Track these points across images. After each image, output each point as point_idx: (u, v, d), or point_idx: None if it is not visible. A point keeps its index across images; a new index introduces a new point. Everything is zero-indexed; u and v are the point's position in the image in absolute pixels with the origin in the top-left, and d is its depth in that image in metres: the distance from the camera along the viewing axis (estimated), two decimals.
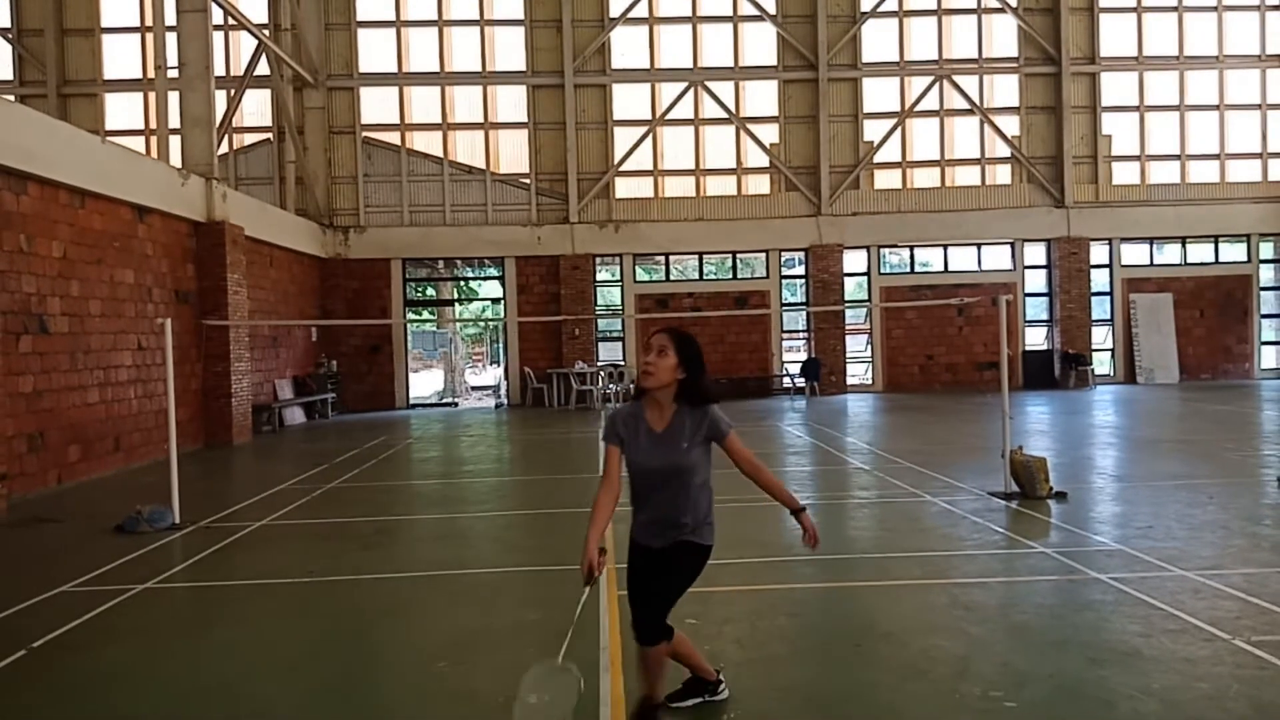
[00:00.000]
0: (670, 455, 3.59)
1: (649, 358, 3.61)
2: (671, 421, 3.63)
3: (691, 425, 3.62)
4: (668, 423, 3.64)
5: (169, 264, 14.06)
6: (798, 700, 4.22)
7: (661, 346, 3.61)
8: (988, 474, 9.47)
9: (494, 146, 22.49)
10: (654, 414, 3.65)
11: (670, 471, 3.59)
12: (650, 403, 3.67)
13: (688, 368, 3.62)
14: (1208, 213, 22.84)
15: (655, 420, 3.64)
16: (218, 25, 18.44)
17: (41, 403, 10.81)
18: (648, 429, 3.63)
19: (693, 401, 3.63)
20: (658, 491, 3.62)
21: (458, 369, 27.52)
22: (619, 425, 3.66)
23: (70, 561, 7.16)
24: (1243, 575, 5.87)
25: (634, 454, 3.63)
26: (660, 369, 3.59)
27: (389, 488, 10.81)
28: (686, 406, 3.63)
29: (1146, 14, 22.90)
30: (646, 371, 3.61)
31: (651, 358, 3.60)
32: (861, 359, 23.42)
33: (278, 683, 4.66)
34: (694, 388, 3.63)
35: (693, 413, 3.63)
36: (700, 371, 3.64)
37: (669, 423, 3.64)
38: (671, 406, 3.64)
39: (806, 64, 22.33)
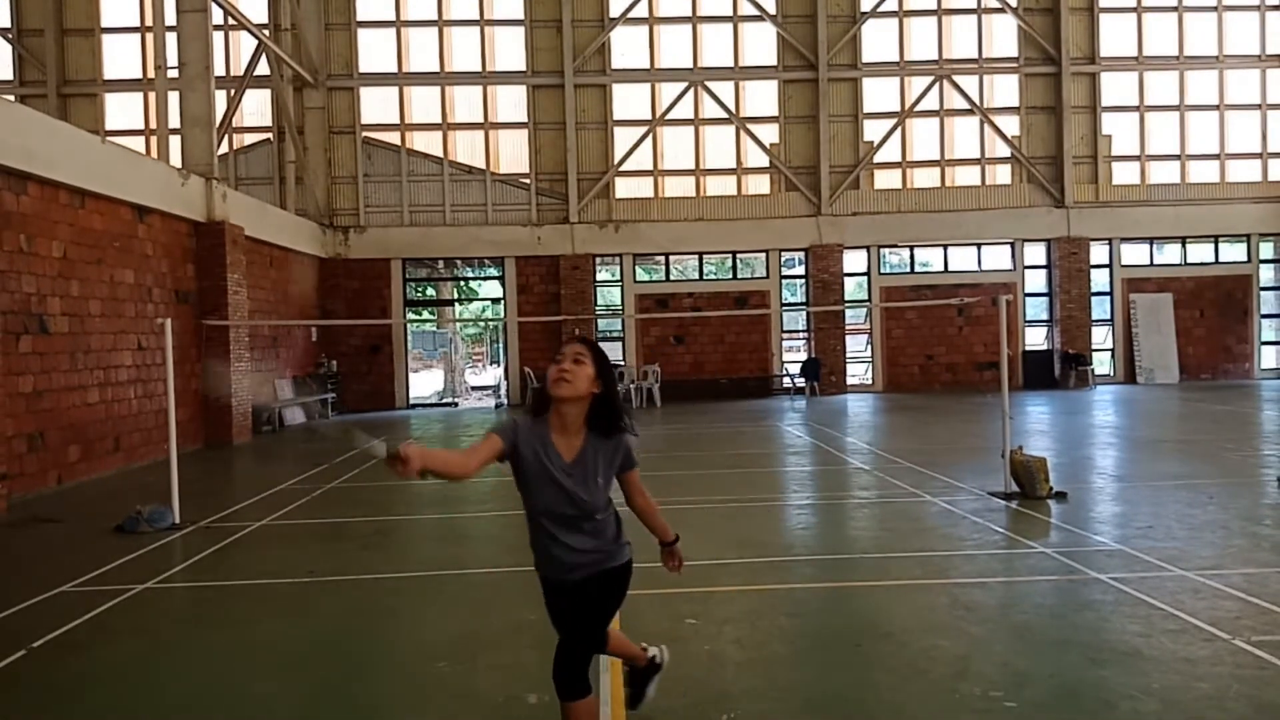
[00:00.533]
0: (583, 493, 3.15)
1: (564, 364, 3.12)
2: (582, 452, 3.17)
3: (605, 459, 3.20)
4: (577, 453, 3.17)
5: (169, 264, 14.06)
6: (798, 700, 4.22)
7: (578, 354, 3.14)
8: (988, 474, 9.47)
9: (494, 146, 22.49)
10: (560, 440, 3.16)
11: (583, 508, 3.17)
12: (556, 424, 3.16)
13: (605, 382, 3.17)
14: (1208, 213, 22.84)
15: (563, 447, 3.16)
16: (218, 25, 18.43)
17: (41, 403, 10.81)
18: (556, 454, 3.15)
19: (606, 430, 3.19)
20: (563, 525, 3.20)
21: (458, 369, 27.52)
22: (520, 435, 3.14)
23: (70, 561, 7.16)
24: (1243, 575, 5.87)
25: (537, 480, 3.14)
26: (578, 377, 3.11)
27: (389, 488, 10.80)
28: (596, 436, 3.18)
29: (1146, 14, 22.90)
30: (563, 378, 3.10)
31: (567, 364, 3.12)
32: (861, 359, 23.43)
33: (278, 683, 4.66)
34: (610, 409, 3.19)
35: (604, 444, 3.19)
36: (615, 390, 3.23)
37: (579, 453, 3.17)
38: (580, 433, 3.17)
39: (806, 64, 22.33)
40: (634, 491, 3.43)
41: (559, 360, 3.15)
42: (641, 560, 6.26)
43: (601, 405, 3.18)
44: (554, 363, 3.16)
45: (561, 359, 3.15)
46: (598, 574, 3.30)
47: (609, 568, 3.32)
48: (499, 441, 3.11)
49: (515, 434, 3.13)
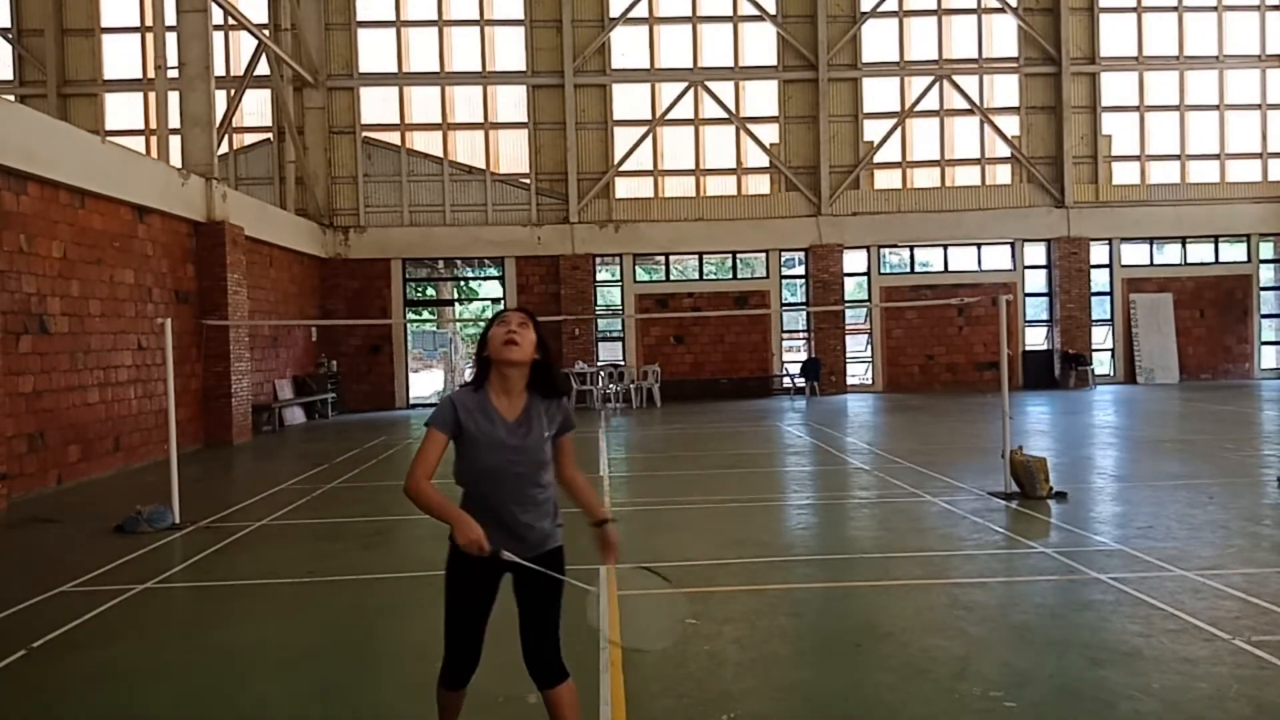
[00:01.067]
0: (530, 449, 3.18)
1: (512, 327, 3.17)
2: (525, 410, 3.22)
3: (547, 416, 3.24)
4: (520, 411, 3.21)
5: (169, 264, 14.05)
6: (798, 700, 4.22)
7: (521, 321, 3.20)
8: (988, 474, 9.47)
9: (494, 146, 22.49)
10: (503, 403, 3.20)
11: (532, 466, 3.18)
12: (497, 390, 3.20)
13: (544, 347, 3.25)
14: (1208, 213, 22.84)
15: (505, 409, 3.20)
16: (218, 25, 18.42)
17: (41, 403, 10.81)
18: (500, 418, 3.18)
19: (546, 391, 3.25)
20: (510, 491, 3.18)
21: (458, 369, 27.50)
22: (460, 412, 3.15)
23: (70, 561, 7.16)
24: (1243, 575, 5.87)
25: (483, 447, 3.14)
26: (525, 341, 3.17)
27: (389, 488, 10.79)
28: (538, 396, 3.24)
29: (1146, 14, 22.89)
30: (513, 340, 3.15)
31: (514, 327, 3.17)
32: (861, 359, 23.42)
33: (278, 683, 4.66)
34: (549, 373, 3.27)
35: (545, 403, 3.25)
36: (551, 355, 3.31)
37: (522, 411, 3.22)
38: (523, 395, 3.23)
39: (806, 64, 22.32)
40: (566, 459, 3.39)
41: (503, 324, 3.19)
42: (643, 560, 6.24)
43: (543, 369, 3.25)
44: (498, 326, 3.20)
45: (505, 323, 3.19)
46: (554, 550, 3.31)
47: (559, 545, 3.34)
48: (442, 436, 3.13)
49: (456, 415, 3.15)
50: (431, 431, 3.14)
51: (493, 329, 3.20)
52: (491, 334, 3.19)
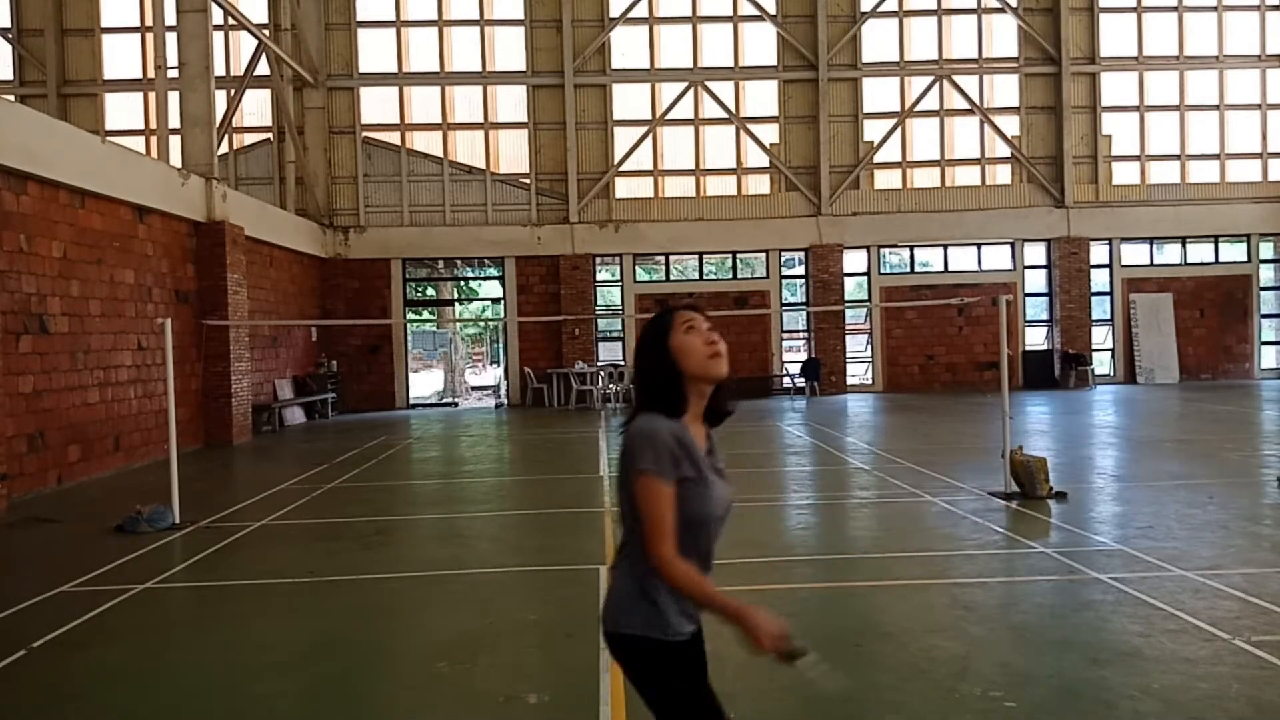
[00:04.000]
0: (729, 487, 2.48)
1: (712, 336, 2.44)
2: (709, 441, 2.51)
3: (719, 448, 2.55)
4: (708, 443, 2.49)
5: (169, 264, 14.05)
6: (798, 700, 4.22)
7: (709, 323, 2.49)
8: (988, 474, 9.47)
9: (494, 146, 22.48)
10: (696, 432, 2.45)
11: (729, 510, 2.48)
12: (692, 414, 2.45)
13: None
14: (1208, 213, 22.83)
15: (700, 440, 2.46)
16: (218, 25, 18.42)
17: (41, 403, 10.81)
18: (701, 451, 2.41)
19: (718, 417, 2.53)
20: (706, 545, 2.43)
21: (458, 369, 27.51)
22: (677, 453, 2.33)
23: (70, 561, 7.16)
24: (1243, 575, 5.87)
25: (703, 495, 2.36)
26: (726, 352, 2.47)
27: (389, 488, 10.81)
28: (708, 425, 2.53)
29: (1146, 14, 22.88)
30: (719, 353, 2.43)
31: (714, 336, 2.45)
32: (861, 359, 23.42)
33: (278, 682, 4.66)
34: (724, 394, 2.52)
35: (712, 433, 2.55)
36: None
37: (709, 443, 2.50)
38: (701, 423, 2.50)
39: (806, 64, 22.32)
40: None
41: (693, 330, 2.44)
42: None
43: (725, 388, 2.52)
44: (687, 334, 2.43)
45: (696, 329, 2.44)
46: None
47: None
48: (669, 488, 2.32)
49: (676, 459, 2.33)
50: (656, 483, 2.30)
51: (680, 338, 2.42)
52: (684, 344, 2.41)
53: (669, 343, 2.43)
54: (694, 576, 2.30)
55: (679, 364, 2.41)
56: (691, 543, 2.37)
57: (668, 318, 2.48)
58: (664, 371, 2.42)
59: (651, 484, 2.30)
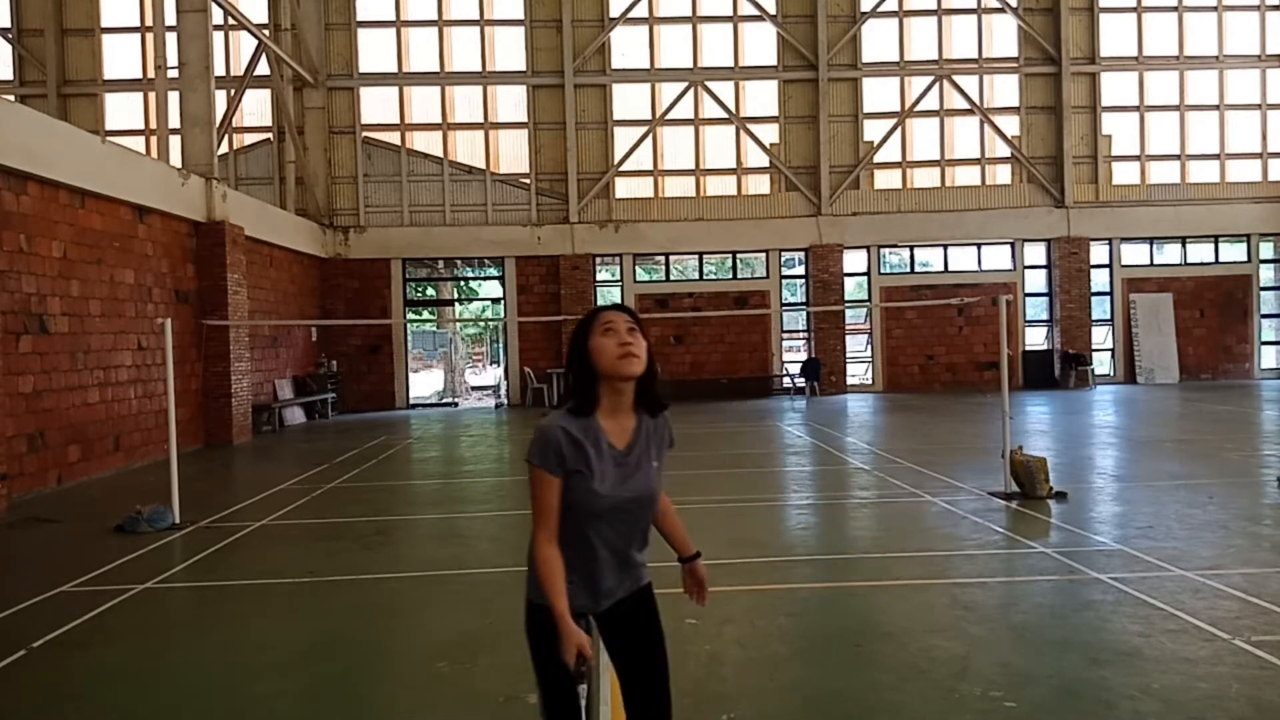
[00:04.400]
0: (645, 481, 2.66)
1: (624, 336, 2.58)
2: (635, 435, 2.67)
3: (655, 439, 2.71)
4: (630, 436, 2.66)
5: (169, 264, 14.06)
6: (798, 700, 4.21)
7: (630, 326, 2.61)
8: (988, 474, 9.48)
9: (494, 146, 22.48)
10: (612, 427, 2.63)
11: (644, 502, 2.67)
12: (606, 412, 2.62)
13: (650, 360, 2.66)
14: (1208, 213, 22.84)
15: (615, 436, 2.63)
16: (218, 25, 18.44)
17: (41, 403, 10.81)
18: (609, 447, 2.61)
19: (652, 407, 2.71)
20: (614, 534, 2.65)
21: (458, 369, 27.51)
22: (565, 449, 2.55)
23: (70, 561, 7.16)
24: (1243, 575, 5.87)
25: (595, 485, 2.57)
26: (641, 350, 2.59)
27: (389, 488, 10.81)
28: (646, 416, 2.70)
29: (1146, 14, 22.89)
30: (631, 354, 2.57)
31: (626, 336, 2.59)
32: (861, 359, 23.42)
33: (278, 682, 4.66)
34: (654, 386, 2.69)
35: (653, 421, 2.71)
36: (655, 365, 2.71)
37: (632, 436, 2.66)
38: (631, 415, 2.66)
39: (806, 64, 22.33)
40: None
41: (610, 331, 2.59)
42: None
43: (650, 380, 2.68)
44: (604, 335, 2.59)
45: (613, 330, 2.59)
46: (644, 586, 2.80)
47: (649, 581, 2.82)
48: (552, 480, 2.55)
49: (561, 453, 2.55)
50: (541, 475, 2.54)
51: (597, 339, 2.59)
52: (598, 345, 2.58)
53: (588, 343, 2.61)
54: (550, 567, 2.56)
55: (594, 363, 2.59)
56: (590, 530, 2.61)
57: (590, 320, 2.66)
58: (580, 370, 2.62)
59: (535, 475, 2.56)
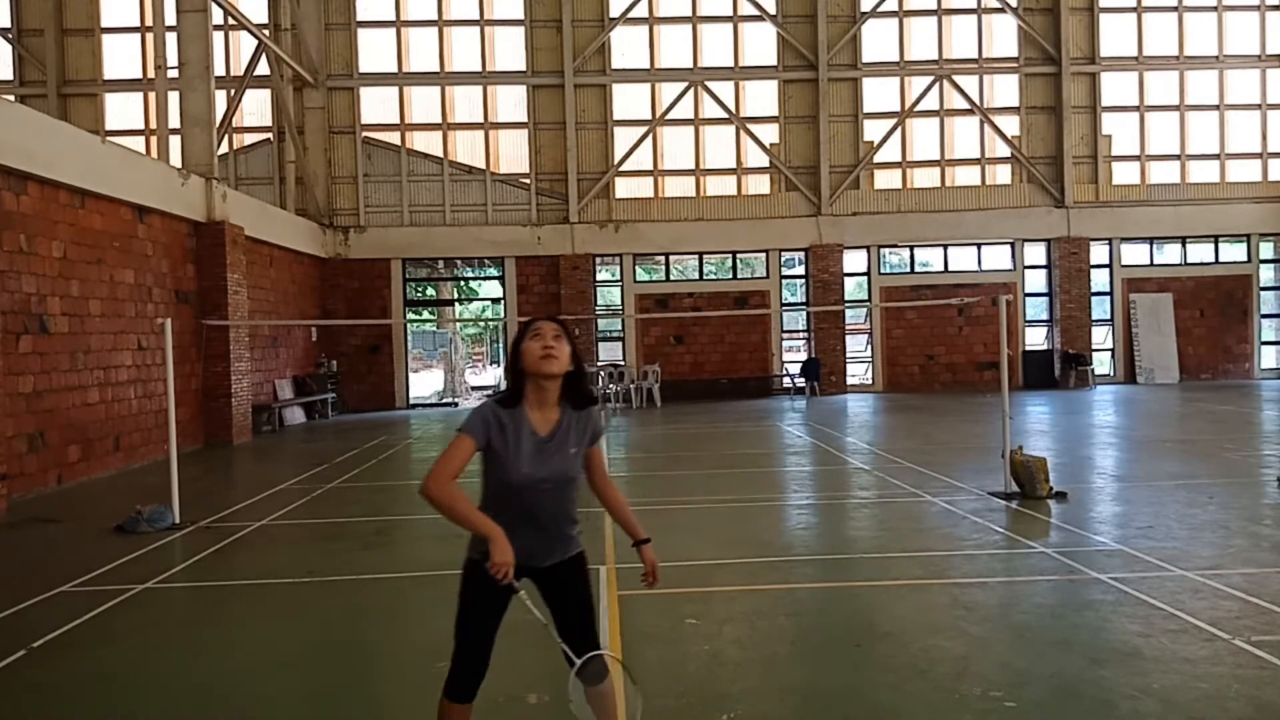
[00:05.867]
0: (561, 463, 3.14)
1: (548, 341, 3.09)
2: (558, 425, 3.17)
3: (578, 429, 3.19)
4: (554, 425, 3.16)
5: (169, 264, 14.05)
6: (798, 700, 4.21)
7: (556, 333, 3.13)
8: (988, 474, 9.47)
9: (494, 146, 22.49)
10: (537, 417, 3.14)
11: (560, 481, 3.14)
12: (532, 404, 3.13)
13: (577, 357, 3.20)
14: (1208, 213, 22.84)
15: (539, 424, 3.14)
16: (218, 25, 18.42)
17: (41, 403, 10.81)
18: (531, 433, 3.11)
19: (578, 402, 3.20)
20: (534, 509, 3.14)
21: (458, 369, 27.50)
22: (491, 427, 3.08)
23: (70, 561, 7.16)
24: (1243, 575, 5.87)
25: (512, 466, 3.08)
26: (563, 354, 3.11)
27: (389, 488, 10.81)
28: (570, 408, 3.19)
29: (1146, 14, 22.89)
30: (551, 355, 3.08)
31: (551, 341, 3.09)
32: (861, 359, 23.42)
33: (278, 683, 4.66)
34: (581, 383, 3.21)
35: (577, 415, 3.20)
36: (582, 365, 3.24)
37: (555, 425, 3.16)
38: (556, 408, 3.17)
39: (806, 64, 22.32)
40: (597, 470, 3.34)
41: (537, 337, 3.11)
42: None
43: (575, 379, 3.19)
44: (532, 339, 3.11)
45: (540, 336, 3.11)
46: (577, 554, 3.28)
47: (582, 550, 3.31)
48: (471, 444, 3.06)
49: (488, 429, 3.08)
50: (463, 437, 3.05)
51: (526, 343, 3.11)
52: (526, 348, 3.11)
53: (519, 346, 3.15)
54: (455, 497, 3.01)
55: (520, 362, 3.12)
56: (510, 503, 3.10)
57: (525, 327, 3.18)
58: (513, 368, 3.15)
59: (459, 438, 3.05)
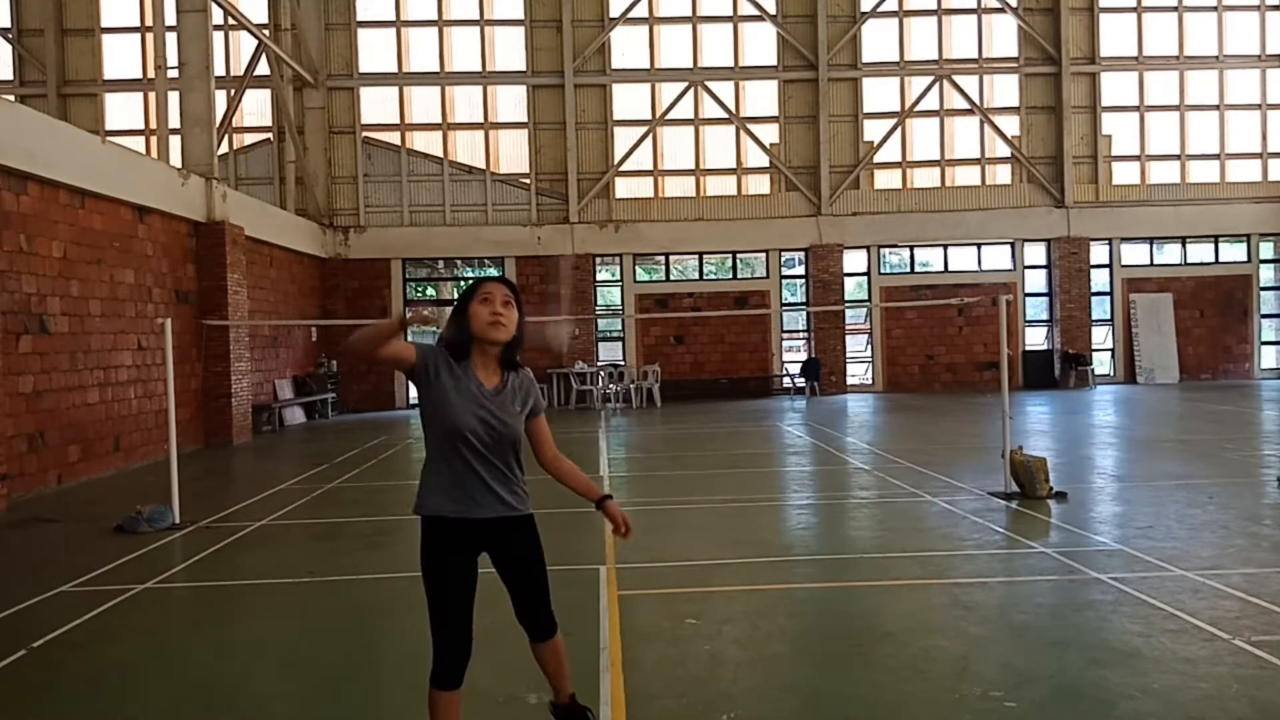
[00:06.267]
0: (507, 416, 3.17)
1: (497, 307, 3.14)
2: (503, 382, 3.22)
3: (520, 392, 3.25)
4: (498, 382, 3.21)
5: (169, 264, 14.05)
6: (798, 700, 4.21)
7: (506, 299, 3.17)
8: (988, 474, 9.47)
9: (494, 146, 22.49)
10: (482, 373, 3.19)
11: (506, 434, 3.18)
12: (478, 362, 3.19)
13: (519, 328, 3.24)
14: (1208, 213, 22.84)
15: (485, 378, 3.19)
16: (218, 25, 18.43)
17: (41, 403, 10.81)
18: (478, 382, 3.16)
19: (512, 365, 3.26)
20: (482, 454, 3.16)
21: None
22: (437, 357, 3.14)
23: (70, 561, 7.16)
24: (1243, 575, 5.87)
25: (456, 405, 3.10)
26: (511, 320, 3.17)
27: (389, 488, 10.80)
28: (510, 372, 3.25)
29: (1146, 14, 22.90)
30: (499, 323, 3.13)
31: (499, 307, 3.14)
32: (861, 359, 23.42)
33: (278, 683, 4.66)
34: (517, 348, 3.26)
35: (517, 378, 3.26)
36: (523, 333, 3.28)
37: (500, 382, 3.21)
38: (498, 370, 3.23)
39: (806, 64, 22.33)
40: (544, 444, 3.39)
41: (486, 301, 3.14)
42: (643, 560, 6.23)
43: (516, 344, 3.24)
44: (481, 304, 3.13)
45: (490, 300, 3.14)
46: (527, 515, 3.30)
47: (530, 513, 3.32)
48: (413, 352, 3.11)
49: (430, 356, 3.13)
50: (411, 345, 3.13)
51: (474, 306, 3.14)
52: (474, 311, 3.14)
53: (467, 306, 3.16)
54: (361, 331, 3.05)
55: (469, 324, 3.14)
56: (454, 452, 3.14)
57: (474, 287, 3.18)
58: (459, 326, 3.16)
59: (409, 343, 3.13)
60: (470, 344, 3.17)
